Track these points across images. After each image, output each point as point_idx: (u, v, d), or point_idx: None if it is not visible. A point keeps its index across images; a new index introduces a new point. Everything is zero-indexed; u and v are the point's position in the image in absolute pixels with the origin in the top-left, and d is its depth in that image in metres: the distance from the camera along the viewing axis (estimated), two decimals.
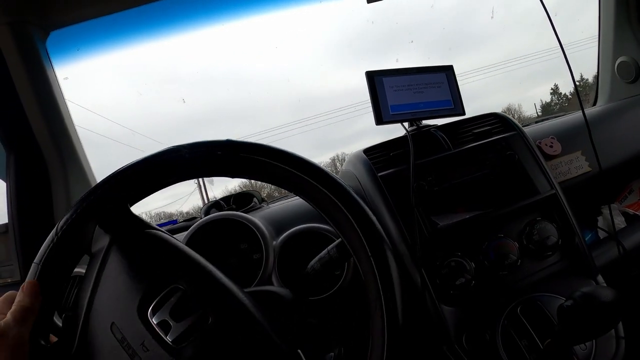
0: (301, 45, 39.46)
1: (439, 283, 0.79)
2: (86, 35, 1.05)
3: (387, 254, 0.52)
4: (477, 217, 0.82)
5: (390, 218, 0.82)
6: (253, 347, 0.50)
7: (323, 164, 0.57)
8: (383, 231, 0.54)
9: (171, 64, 32.71)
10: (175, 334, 0.47)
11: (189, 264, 0.53)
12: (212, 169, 0.56)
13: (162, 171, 0.54)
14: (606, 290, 0.60)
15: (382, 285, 0.50)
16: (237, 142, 0.55)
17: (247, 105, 23.19)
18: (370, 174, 0.87)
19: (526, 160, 0.91)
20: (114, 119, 7.34)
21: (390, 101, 0.92)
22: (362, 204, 0.54)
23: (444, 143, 0.92)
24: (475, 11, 19.40)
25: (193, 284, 0.51)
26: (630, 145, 1.20)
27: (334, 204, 0.54)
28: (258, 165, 0.55)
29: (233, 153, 0.54)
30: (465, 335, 0.76)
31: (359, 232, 0.53)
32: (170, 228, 1.07)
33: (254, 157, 0.54)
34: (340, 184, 0.55)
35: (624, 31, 1.44)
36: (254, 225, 0.85)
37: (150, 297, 0.49)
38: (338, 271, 0.83)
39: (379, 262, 0.51)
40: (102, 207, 0.52)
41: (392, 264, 0.51)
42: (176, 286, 0.50)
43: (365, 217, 0.54)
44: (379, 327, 0.49)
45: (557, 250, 0.86)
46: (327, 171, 0.56)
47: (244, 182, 3.38)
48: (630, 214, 1.15)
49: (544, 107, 12.07)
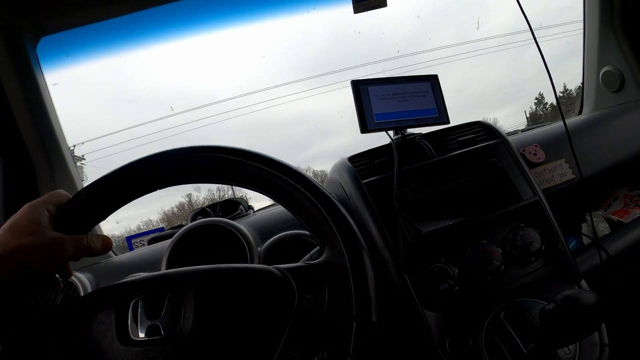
0: (287, 54, 38.50)
1: (423, 288, 0.79)
2: (76, 42, 1.07)
3: (363, 255, 0.53)
4: (461, 223, 0.83)
5: (374, 224, 0.83)
6: (244, 299, 0.52)
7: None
8: (365, 236, 0.55)
9: (159, 71, 32.12)
10: (166, 327, 0.48)
11: (121, 286, 0.54)
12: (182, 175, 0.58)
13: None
14: (588, 294, 0.60)
15: (355, 287, 0.51)
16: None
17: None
18: (354, 181, 0.88)
19: (510, 167, 0.93)
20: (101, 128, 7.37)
21: (375, 109, 0.93)
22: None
23: (428, 151, 0.93)
24: (460, 22, 19.27)
25: (144, 288, 0.52)
26: (614, 153, 1.22)
27: (310, 203, 0.56)
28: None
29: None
30: (449, 340, 0.76)
31: (319, 207, 0.55)
32: (156, 235, 1.07)
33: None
34: (316, 185, 0.57)
35: (609, 41, 1.47)
36: (240, 232, 0.86)
37: (123, 325, 0.50)
38: None
39: (342, 228, 0.53)
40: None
41: (368, 266, 0.52)
42: (135, 301, 0.51)
43: (324, 196, 0.56)
44: (349, 326, 0.49)
45: (541, 256, 0.86)
46: (308, 176, 0.57)
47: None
48: (614, 221, 1.17)
49: (531, 116, 12.14)
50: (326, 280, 0.53)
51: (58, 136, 1.07)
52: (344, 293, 0.51)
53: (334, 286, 0.52)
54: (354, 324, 0.49)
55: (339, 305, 0.51)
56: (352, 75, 0.95)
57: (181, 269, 0.55)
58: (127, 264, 1.04)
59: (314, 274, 0.55)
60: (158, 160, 0.56)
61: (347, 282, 0.51)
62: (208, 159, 0.57)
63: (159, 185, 0.58)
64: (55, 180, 1.05)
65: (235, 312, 0.51)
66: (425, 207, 0.86)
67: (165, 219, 5.09)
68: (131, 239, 1.22)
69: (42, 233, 0.49)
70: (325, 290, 0.53)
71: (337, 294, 0.52)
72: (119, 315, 0.50)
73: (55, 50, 1.07)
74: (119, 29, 1.06)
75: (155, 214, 4.84)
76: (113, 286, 0.55)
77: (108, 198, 0.56)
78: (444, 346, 0.76)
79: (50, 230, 0.50)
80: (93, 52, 1.10)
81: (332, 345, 0.50)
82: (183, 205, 5.25)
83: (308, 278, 0.54)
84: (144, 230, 1.40)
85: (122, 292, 0.53)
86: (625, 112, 1.36)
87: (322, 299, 0.53)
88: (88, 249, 0.54)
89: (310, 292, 0.53)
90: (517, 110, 7.64)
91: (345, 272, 0.51)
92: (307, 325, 0.52)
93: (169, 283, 0.53)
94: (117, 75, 9.77)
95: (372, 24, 3.63)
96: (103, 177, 0.56)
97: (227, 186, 0.94)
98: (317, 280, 0.54)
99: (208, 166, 0.57)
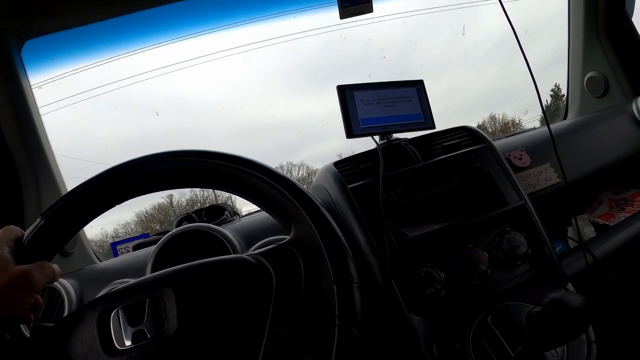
0: (274, 60, 38.14)
1: (409, 293, 0.79)
2: (62, 45, 1.06)
3: (330, 222, 0.54)
4: (447, 228, 0.83)
5: (360, 229, 0.83)
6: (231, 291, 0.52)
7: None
8: (351, 241, 0.55)
9: (144, 75, 31.99)
10: (152, 330, 0.49)
11: (97, 302, 0.54)
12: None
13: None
14: (575, 296, 0.60)
15: (328, 252, 0.51)
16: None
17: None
18: (340, 186, 0.87)
19: (495, 172, 0.93)
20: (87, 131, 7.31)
21: (361, 115, 0.94)
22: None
23: (414, 156, 0.93)
24: (446, 28, 19.38)
25: (121, 299, 0.52)
26: (599, 157, 1.23)
27: (269, 186, 0.57)
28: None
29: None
30: (436, 345, 0.76)
31: (279, 188, 0.56)
32: (142, 241, 1.06)
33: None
34: (270, 169, 0.58)
35: (593, 47, 1.49)
36: (225, 238, 0.85)
37: (107, 337, 0.50)
38: None
39: (305, 205, 0.55)
40: None
41: (337, 230, 0.54)
42: (115, 312, 0.51)
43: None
44: (331, 291, 0.50)
45: (527, 259, 0.86)
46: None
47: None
48: (600, 224, 1.18)
49: (547, 108, 12.23)
50: (299, 255, 0.54)
51: (42, 141, 1.06)
52: (319, 262, 0.52)
53: (308, 259, 0.53)
54: (335, 287, 0.49)
55: (316, 274, 0.52)
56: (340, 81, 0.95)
57: (156, 273, 0.55)
58: (112, 270, 1.02)
59: (287, 252, 0.55)
60: (106, 178, 0.57)
61: (320, 250, 0.52)
62: (161, 164, 0.57)
63: (118, 199, 0.58)
64: (39, 185, 1.04)
65: (217, 304, 0.51)
66: (411, 211, 0.86)
67: (140, 222, 5.04)
68: (116, 245, 1.21)
69: (8, 270, 0.48)
70: (300, 265, 0.54)
71: (312, 264, 0.53)
72: (101, 329, 0.50)
73: (40, 53, 1.06)
74: (105, 32, 1.06)
75: (130, 216, 4.80)
76: (88, 304, 0.54)
77: (70, 218, 0.56)
78: (431, 351, 0.76)
79: (14, 264, 0.49)
80: (78, 56, 1.09)
81: (318, 314, 0.50)
82: (161, 206, 5.20)
83: (282, 258, 0.55)
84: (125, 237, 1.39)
85: (99, 307, 0.52)
86: (610, 116, 1.38)
87: (300, 274, 0.53)
88: (52, 273, 0.53)
89: (287, 270, 0.54)
90: (516, 109, 7.75)
91: (316, 242, 0.52)
92: (290, 302, 0.52)
93: (145, 289, 0.53)
94: (102, 79, 9.69)
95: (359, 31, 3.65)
96: (60, 198, 0.55)
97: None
98: (291, 257, 0.55)
99: (160, 174, 0.58)
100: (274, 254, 0.56)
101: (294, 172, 5.69)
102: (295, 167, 5.67)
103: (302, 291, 0.52)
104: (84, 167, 2.98)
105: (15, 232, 0.53)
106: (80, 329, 0.51)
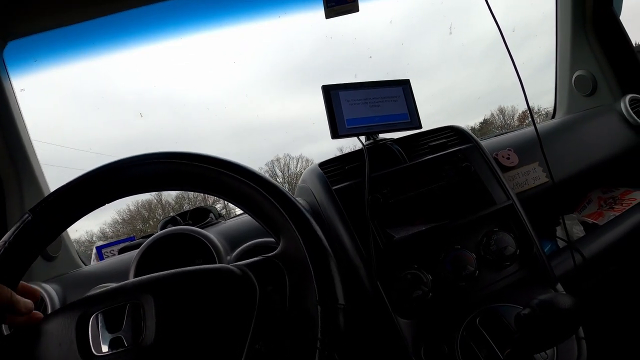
0: (257, 61, 37.74)
1: (396, 296, 0.78)
2: (44, 47, 1.04)
3: (300, 209, 0.54)
4: (434, 228, 0.82)
5: (345, 231, 0.81)
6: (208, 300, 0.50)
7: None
8: (336, 243, 0.54)
9: (129, 77, 31.83)
10: (129, 338, 0.47)
11: (77, 305, 0.52)
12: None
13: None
14: (564, 297, 0.59)
15: (315, 271, 0.50)
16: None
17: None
18: (324, 187, 0.86)
19: (482, 171, 0.92)
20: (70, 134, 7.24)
21: (346, 115, 0.93)
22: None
23: (400, 156, 0.92)
24: (435, 27, 19.45)
25: (101, 302, 0.51)
26: (588, 156, 1.23)
27: (260, 196, 0.55)
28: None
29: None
30: (423, 347, 0.75)
31: (269, 198, 0.54)
32: (127, 245, 1.05)
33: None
34: (263, 177, 0.56)
35: (581, 46, 1.49)
36: (209, 241, 0.84)
37: (84, 342, 0.48)
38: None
39: (294, 217, 0.53)
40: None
41: (326, 248, 0.52)
42: (95, 316, 0.49)
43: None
44: (315, 311, 0.48)
45: (516, 260, 0.86)
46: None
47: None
48: (589, 223, 1.17)
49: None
50: (285, 270, 0.53)
51: (25, 144, 1.04)
52: (305, 279, 0.50)
53: (294, 274, 0.52)
54: (319, 308, 0.48)
55: (301, 292, 0.50)
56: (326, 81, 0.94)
57: (138, 278, 0.54)
58: (96, 274, 1.00)
59: (272, 265, 0.54)
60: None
61: (307, 267, 0.50)
62: (150, 165, 0.56)
63: (107, 199, 0.57)
64: (22, 190, 1.02)
65: (197, 315, 0.50)
66: (397, 212, 0.85)
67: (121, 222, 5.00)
68: (101, 248, 1.20)
69: None
70: (285, 280, 0.52)
71: (298, 281, 0.51)
72: (79, 332, 0.49)
73: (22, 55, 1.04)
74: (87, 33, 1.04)
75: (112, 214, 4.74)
76: (69, 305, 0.53)
77: (57, 215, 0.54)
78: (419, 354, 0.75)
79: None
80: (61, 57, 1.08)
81: (300, 333, 0.48)
82: (150, 204, 5.18)
83: (267, 271, 0.53)
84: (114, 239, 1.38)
85: (79, 310, 0.51)
86: (598, 115, 1.38)
87: (284, 290, 0.51)
88: (10, 304, 0.49)
89: (271, 284, 0.52)
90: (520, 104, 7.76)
91: (303, 258, 0.51)
92: (272, 318, 0.50)
93: (126, 294, 0.51)
94: (85, 81, 9.61)
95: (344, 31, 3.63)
96: (50, 194, 0.54)
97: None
98: (277, 271, 0.53)
99: (148, 175, 0.56)
100: (260, 267, 0.54)
101: (291, 165, 5.67)
102: (293, 159, 5.64)
103: (286, 308, 0.50)
104: (68, 173, 2.96)
105: None
106: (58, 330, 0.49)
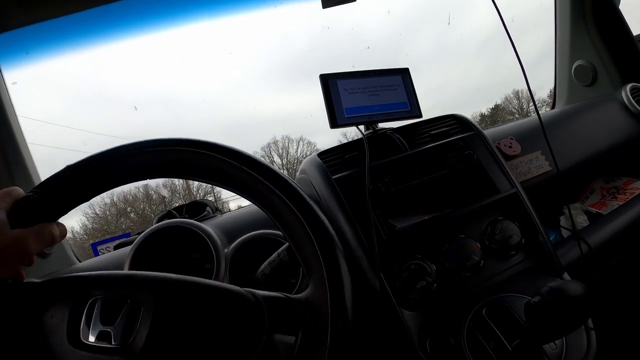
0: (253, 52, 37.89)
1: (399, 287, 0.76)
2: (36, 39, 1.02)
3: (339, 260, 0.49)
4: (436, 218, 0.80)
5: (346, 221, 0.79)
6: (203, 309, 0.47)
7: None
8: (337, 234, 0.51)
9: (123, 69, 31.77)
10: (118, 336, 0.44)
11: (81, 279, 0.50)
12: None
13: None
14: (575, 284, 0.57)
15: (332, 294, 0.46)
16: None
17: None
18: (324, 177, 0.84)
19: (485, 160, 0.90)
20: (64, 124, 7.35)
21: (345, 104, 0.90)
22: (313, 205, 0.51)
23: (401, 145, 0.90)
24: (433, 17, 19.49)
25: (105, 287, 0.48)
26: (589, 145, 1.22)
27: (285, 205, 0.51)
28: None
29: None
30: (429, 340, 0.73)
31: (310, 234, 0.49)
32: (123, 241, 1.03)
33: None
34: (290, 183, 0.52)
35: (581, 35, 1.48)
36: (205, 233, 0.82)
37: (75, 324, 0.46)
38: (294, 279, 0.79)
39: (330, 268, 0.48)
40: None
41: (345, 270, 0.48)
42: (94, 299, 0.47)
43: (316, 219, 0.50)
44: (323, 342, 0.45)
45: (521, 249, 0.84)
46: (279, 171, 0.53)
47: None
48: (593, 213, 1.16)
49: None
50: (302, 319, 0.48)
51: (17, 137, 1.02)
52: (320, 333, 0.46)
53: (309, 325, 0.47)
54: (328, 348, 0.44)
55: (312, 345, 0.46)
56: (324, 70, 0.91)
57: (147, 273, 0.50)
58: (91, 270, 0.98)
59: (291, 308, 0.49)
60: (110, 158, 0.52)
61: (325, 323, 0.46)
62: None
63: (117, 182, 0.54)
64: (14, 183, 1.00)
65: (194, 332, 0.46)
66: (399, 202, 0.83)
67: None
68: (97, 245, 1.18)
69: (2, 234, 0.46)
70: (299, 329, 0.48)
71: (311, 333, 0.47)
72: (74, 312, 0.46)
73: (13, 47, 1.02)
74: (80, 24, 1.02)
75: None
76: (74, 277, 0.50)
77: (63, 196, 0.51)
78: (424, 347, 0.72)
79: (9, 228, 0.46)
80: (53, 49, 1.05)
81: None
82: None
83: (283, 311, 0.49)
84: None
85: (82, 287, 0.49)
86: (598, 105, 1.36)
87: (295, 337, 0.48)
88: (51, 238, 0.50)
89: (282, 329, 0.48)
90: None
91: (325, 311, 0.46)
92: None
93: (133, 286, 0.49)
94: (79, 73, 9.52)
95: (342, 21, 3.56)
96: (54, 175, 0.51)
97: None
98: (293, 316, 0.49)
99: (166, 161, 0.53)
100: (278, 304, 0.50)
101: (291, 149, 5.61)
102: (293, 142, 5.55)
103: (292, 357, 0.46)
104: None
105: (16, 193, 0.50)
106: (55, 302, 0.47)
